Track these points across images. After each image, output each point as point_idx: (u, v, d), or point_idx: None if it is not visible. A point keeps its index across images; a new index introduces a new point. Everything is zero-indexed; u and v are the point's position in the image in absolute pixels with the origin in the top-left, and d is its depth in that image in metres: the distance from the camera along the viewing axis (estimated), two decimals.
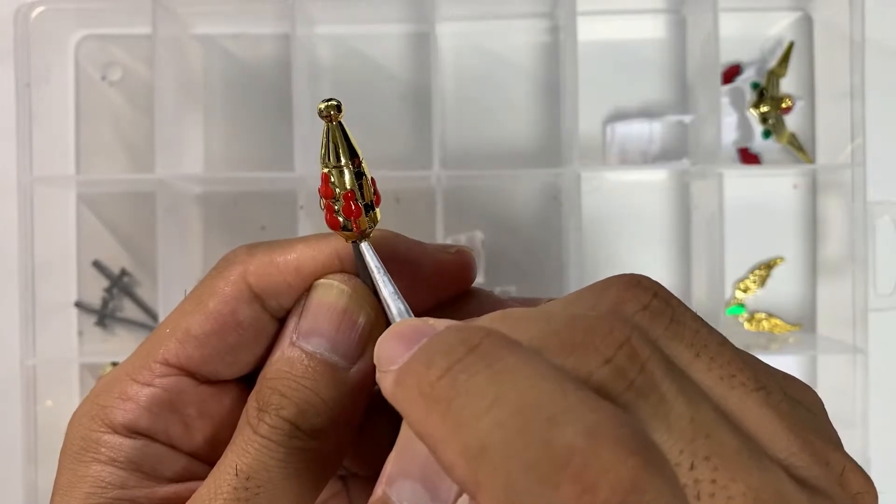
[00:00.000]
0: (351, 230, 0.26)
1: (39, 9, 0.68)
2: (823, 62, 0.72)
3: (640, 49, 0.74)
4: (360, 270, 0.26)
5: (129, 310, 0.75)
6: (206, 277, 0.26)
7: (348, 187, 0.26)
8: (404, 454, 0.20)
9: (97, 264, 0.75)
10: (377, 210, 0.26)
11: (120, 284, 0.74)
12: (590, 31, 0.71)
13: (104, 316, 0.74)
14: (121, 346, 0.75)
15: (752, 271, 0.73)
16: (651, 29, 0.74)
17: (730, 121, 0.73)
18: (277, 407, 0.23)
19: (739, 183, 0.72)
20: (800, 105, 0.71)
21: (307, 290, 0.26)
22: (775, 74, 0.71)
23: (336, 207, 0.26)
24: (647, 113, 0.73)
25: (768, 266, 0.73)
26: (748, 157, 0.73)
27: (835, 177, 0.69)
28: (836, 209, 0.70)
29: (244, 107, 0.75)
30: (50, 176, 0.70)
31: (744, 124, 0.73)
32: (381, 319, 0.25)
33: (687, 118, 0.72)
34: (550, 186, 0.73)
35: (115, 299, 0.74)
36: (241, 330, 0.25)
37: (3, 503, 0.72)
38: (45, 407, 0.70)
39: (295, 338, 0.25)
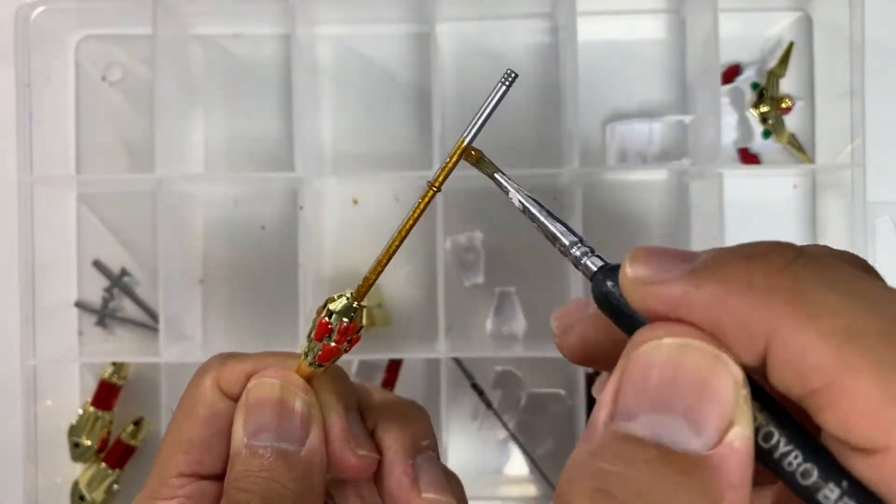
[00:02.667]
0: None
1: (39, 9, 0.68)
2: (823, 62, 0.72)
3: (640, 49, 0.74)
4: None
5: (130, 310, 0.75)
6: (187, 389, 0.29)
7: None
8: (641, 386, 0.18)
9: (97, 264, 0.75)
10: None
11: (120, 284, 0.74)
12: (590, 31, 0.71)
13: (104, 316, 0.74)
14: (121, 345, 0.75)
15: None
16: (651, 29, 0.74)
17: (730, 121, 0.73)
18: (246, 503, 0.26)
19: (739, 183, 0.72)
20: (799, 105, 0.71)
21: (245, 391, 0.28)
22: (775, 74, 0.71)
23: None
24: (647, 113, 0.73)
25: None
26: (748, 157, 0.73)
27: (834, 177, 0.69)
28: (835, 209, 0.70)
29: (244, 107, 0.75)
30: (50, 176, 0.70)
31: (744, 124, 0.73)
32: (316, 398, 0.28)
33: (687, 118, 0.72)
34: (550, 186, 0.73)
35: (115, 299, 0.74)
36: (230, 425, 0.28)
37: (3, 503, 0.72)
38: (46, 407, 0.70)
39: (245, 440, 0.27)
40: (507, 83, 0.26)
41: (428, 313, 0.72)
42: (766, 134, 0.72)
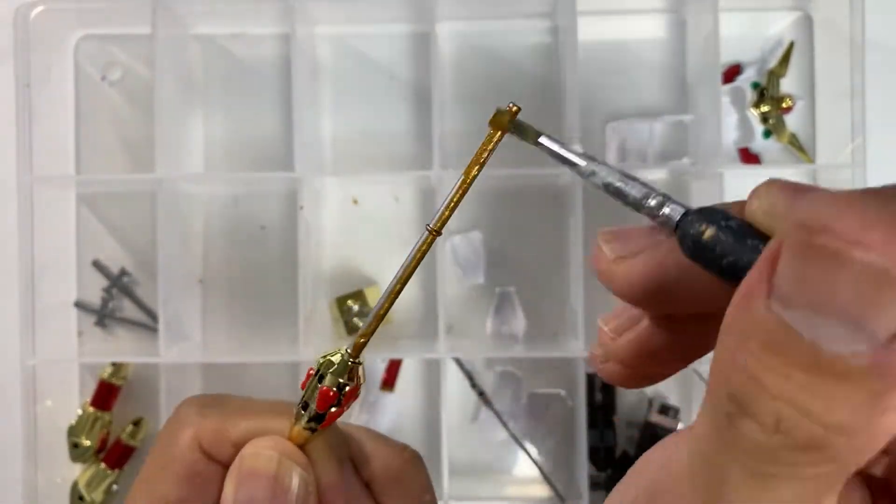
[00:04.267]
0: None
1: (39, 8, 0.68)
2: (823, 62, 0.72)
3: (641, 49, 0.74)
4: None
5: (129, 310, 0.75)
6: (161, 439, 0.27)
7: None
8: (813, 286, 0.16)
9: (97, 264, 0.75)
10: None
11: (119, 284, 0.74)
12: (590, 31, 0.71)
13: (104, 316, 0.74)
14: (120, 346, 0.75)
15: None
16: (651, 29, 0.74)
17: (730, 121, 0.73)
18: None
19: (740, 183, 0.72)
20: (800, 105, 0.71)
21: (238, 454, 0.27)
22: (775, 74, 0.71)
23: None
24: (647, 113, 0.73)
25: None
26: (748, 156, 0.73)
27: (835, 176, 0.69)
28: None
29: (244, 107, 0.75)
30: (50, 176, 0.70)
31: (744, 124, 0.73)
32: (312, 476, 0.26)
33: (687, 118, 0.72)
34: (550, 186, 0.73)
35: (114, 299, 0.74)
36: (210, 486, 0.27)
37: (3, 502, 0.72)
38: (45, 407, 0.70)
39: None
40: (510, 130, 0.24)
41: (428, 313, 0.72)
42: (767, 134, 0.72)
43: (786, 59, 0.72)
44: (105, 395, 0.72)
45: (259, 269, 0.74)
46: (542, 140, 0.24)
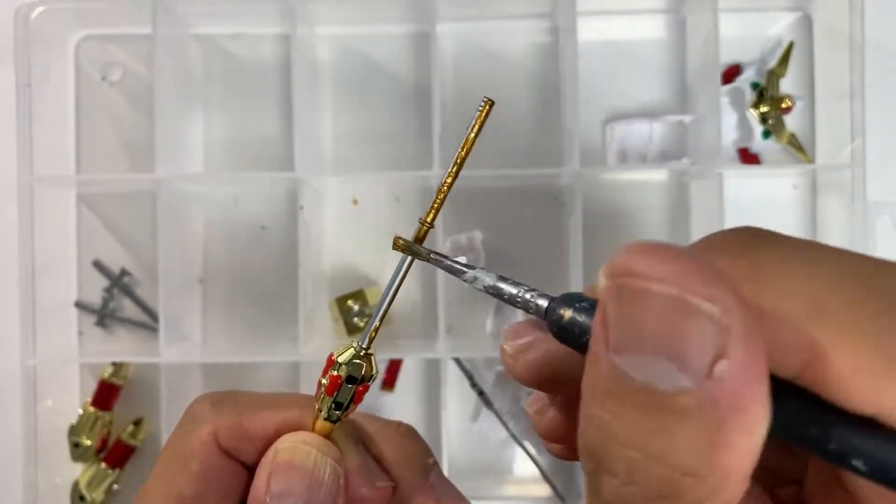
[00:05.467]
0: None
1: (39, 9, 0.68)
2: (823, 62, 0.72)
3: (640, 49, 0.74)
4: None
5: (130, 310, 0.75)
6: (177, 436, 0.28)
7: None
8: (630, 327, 0.17)
9: (97, 264, 0.75)
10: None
11: (120, 284, 0.74)
12: (590, 31, 0.71)
13: (104, 316, 0.74)
14: (121, 346, 0.75)
15: None
16: (651, 29, 0.74)
17: (729, 121, 0.73)
18: None
19: (739, 183, 0.72)
20: (799, 105, 0.71)
21: (271, 447, 0.27)
22: (775, 74, 0.71)
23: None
24: (646, 113, 0.73)
25: None
26: (748, 157, 0.73)
27: (834, 177, 0.69)
28: (835, 209, 0.70)
29: (244, 107, 0.75)
30: (50, 176, 0.70)
31: (743, 124, 0.73)
32: (343, 468, 0.27)
33: (687, 118, 0.72)
34: (550, 186, 0.73)
35: (115, 299, 0.74)
36: (226, 482, 0.27)
37: (3, 502, 0.72)
38: (46, 407, 0.70)
39: (268, 499, 0.26)
40: (481, 109, 0.25)
41: (428, 313, 0.72)
42: (766, 134, 0.72)
43: (785, 59, 0.72)
44: (105, 394, 0.72)
45: (259, 269, 0.74)
46: (433, 257, 0.27)
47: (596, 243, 0.71)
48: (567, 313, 0.21)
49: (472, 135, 0.25)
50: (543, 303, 0.23)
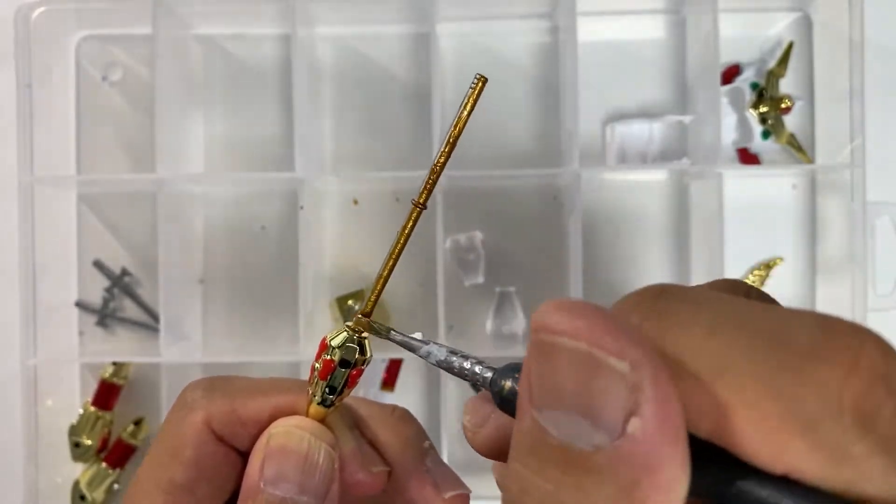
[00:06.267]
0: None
1: (40, 9, 0.68)
2: (823, 62, 0.72)
3: (640, 49, 0.74)
4: None
5: (130, 310, 0.75)
6: (170, 422, 0.27)
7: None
8: (547, 382, 0.17)
9: (98, 264, 0.75)
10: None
11: (121, 284, 0.74)
12: (590, 31, 0.71)
13: (105, 316, 0.74)
14: (121, 346, 0.75)
15: (751, 271, 0.73)
16: (651, 29, 0.74)
17: (729, 121, 0.73)
18: None
19: (739, 183, 0.72)
20: (799, 105, 0.72)
21: (264, 432, 0.27)
22: (775, 75, 0.72)
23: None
24: (646, 113, 0.73)
25: (767, 266, 0.73)
26: (747, 157, 0.73)
27: (834, 177, 0.69)
28: (835, 209, 0.70)
29: (245, 107, 0.75)
30: (51, 176, 0.70)
31: (743, 124, 0.73)
32: (337, 452, 0.27)
33: (686, 118, 0.72)
34: (550, 186, 0.73)
35: (115, 299, 0.74)
36: (220, 469, 0.27)
37: (3, 502, 0.72)
38: (46, 407, 0.70)
39: (262, 485, 0.26)
40: (474, 87, 0.25)
41: (428, 313, 0.72)
42: (766, 134, 0.72)
43: (785, 59, 0.72)
44: (106, 394, 0.72)
45: (259, 269, 0.74)
46: (391, 335, 0.27)
47: (596, 243, 0.72)
48: (507, 384, 0.22)
49: (465, 113, 0.25)
50: (489, 375, 0.23)
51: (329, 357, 0.26)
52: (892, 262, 0.68)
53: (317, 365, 0.27)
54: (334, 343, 0.27)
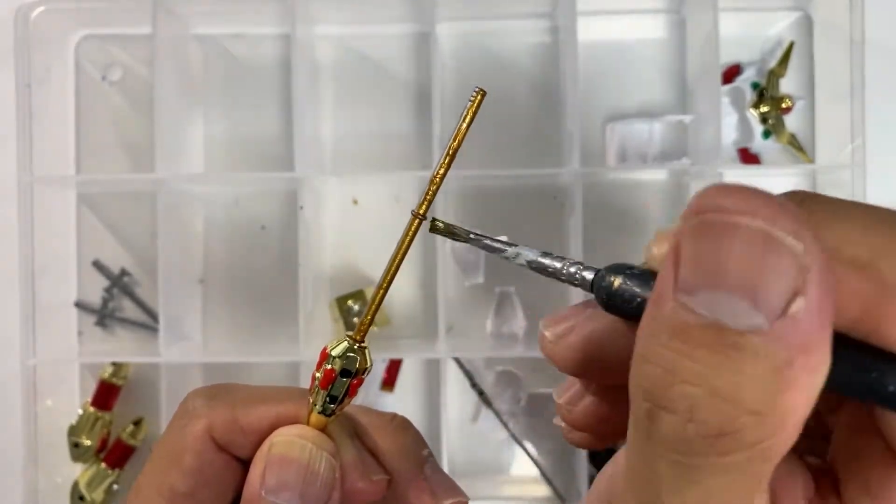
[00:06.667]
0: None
1: (39, 9, 0.68)
2: (823, 62, 0.72)
3: (640, 49, 0.74)
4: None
5: (129, 310, 0.75)
6: (171, 430, 0.27)
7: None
8: (707, 263, 0.17)
9: (97, 264, 0.75)
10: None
11: (120, 284, 0.74)
12: (590, 31, 0.71)
13: (104, 316, 0.74)
14: (120, 345, 0.75)
15: None
16: (651, 29, 0.74)
17: (730, 121, 0.73)
18: None
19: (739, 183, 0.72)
20: (800, 105, 0.71)
21: (265, 441, 0.27)
22: (775, 74, 0.71)
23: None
24: (647, 113, 0.73)
25: None
26: (748, 157, 0.73)
27: (834, 177, 0.69)
28: None
29: (244, 107, 0.75)
30: (50, 176, 0.70)
31: (744, 124, 0.73)
32: (339, 462, 0.27)
33: (687, 118, 0.72)
34: (550, 186, 0.73)
35: (114, 299, 0.74)
36: (220, 477, 0.27)
37: (3, 502, 0.72)
38: (46, 407, 0.70)
39: (263, 493, 0.26)
40: (472, 100, 0.25)
41: (428, 313, 0.72)
42: (767, 134, 0.72)
43: (785, 59, 0.72)
44: (105, 394, 0.72)
45: (259, 269, 0.74)
46: (472, 237, 0.27)
47: (596, 243, 0.71)
48: (616, 280, 0.21)
49: (465, 125, 0.25)
50: (589, 275, 0.23)
51: (330, 367, 0.26)
52: None
53: (318, 374, 0.27)
54: (335, 353, 0.27)
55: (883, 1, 0.70)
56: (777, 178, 0.73)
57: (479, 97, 0.25)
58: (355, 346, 0.27)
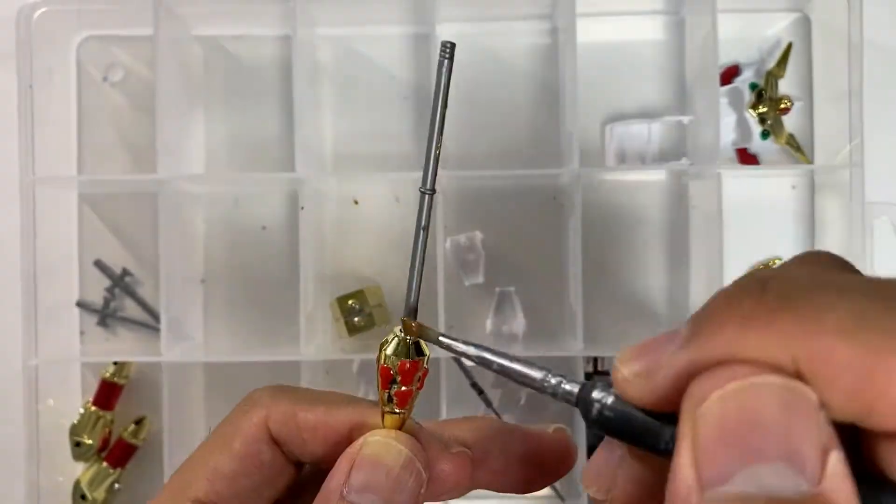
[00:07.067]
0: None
1: (41, 10, 0.69)
2: (821, 63, 0.72)
3: (639, 50, 0.74)
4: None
5: (131, 309, 0.75)
6: (231, 416, 0.28)
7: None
8: (740, 437, 0.16)
9: (99, 264, 0.75)
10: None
11: (122, 284, 0.75)
12: (589, 32, 0.72)
13: (106, 316, 0.74)
14: (122, 345, 0.75)
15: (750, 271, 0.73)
16: (650, 30, 0.74)
17: (728, 121, 0.73)
18: None
19: (738, 183, 0.73)
20: (798, 106, 0.72)
21: (355, 441, 0.26)
22: (774, 75, 0.72)
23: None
24: (646, 113, 0.73)
25: (766, 266, 0.73)
26: (746, 157, 0.73)
27: (833, 177, 0.70)
28: (834, 210, 0.70)
29: (245, 107, 0.75)
30: (52, 176, 0.70)
31: (742, 125, 0.73)
32: (427, 475, 0.26)
33: (686, 119, 0.72)
34: (550, 186, 0.73)
35: (116, 299, 0.75)
36: (265, 470, 0.27)
37: (4, 502, 0.72)
38: (47, 406, 0.70)
39: (345, 491, 0.25)
40: (446, 56, 0.25)
41: (428, 313, 0.73)
42: (765, 134, 0.72)
43: (784, 60, 0.72)
44: (107, 394, 0.73)
45: (260, 269, 0.75)
46: (441, 339, 0.26)
47: (595, 243, 0.72)
48: (605, 399, 0.21)
49: (444, 81, 0.25)
50: (571, 388, 0.23)
51: (385, 364, 0.26)
52: (891, 262, 0.68)
53: (393, 389, 0.27)
54: (388, 350, 0.26)
55: (881, 2, 0.70)
56: (776, 179, 0.74)
57: (450, 52, 0.25)
58: (408, 340, 0.27)
